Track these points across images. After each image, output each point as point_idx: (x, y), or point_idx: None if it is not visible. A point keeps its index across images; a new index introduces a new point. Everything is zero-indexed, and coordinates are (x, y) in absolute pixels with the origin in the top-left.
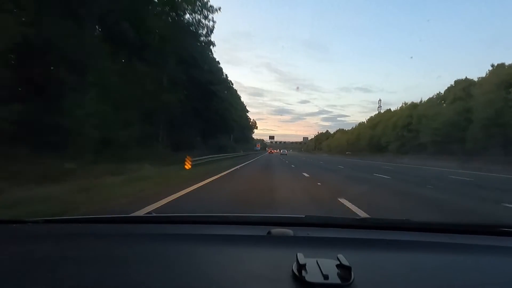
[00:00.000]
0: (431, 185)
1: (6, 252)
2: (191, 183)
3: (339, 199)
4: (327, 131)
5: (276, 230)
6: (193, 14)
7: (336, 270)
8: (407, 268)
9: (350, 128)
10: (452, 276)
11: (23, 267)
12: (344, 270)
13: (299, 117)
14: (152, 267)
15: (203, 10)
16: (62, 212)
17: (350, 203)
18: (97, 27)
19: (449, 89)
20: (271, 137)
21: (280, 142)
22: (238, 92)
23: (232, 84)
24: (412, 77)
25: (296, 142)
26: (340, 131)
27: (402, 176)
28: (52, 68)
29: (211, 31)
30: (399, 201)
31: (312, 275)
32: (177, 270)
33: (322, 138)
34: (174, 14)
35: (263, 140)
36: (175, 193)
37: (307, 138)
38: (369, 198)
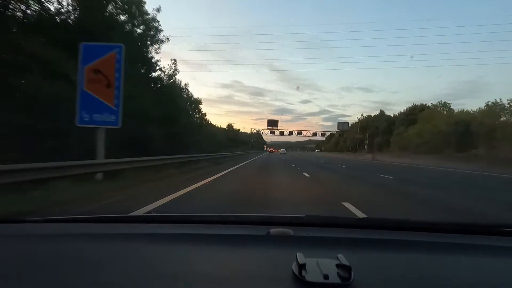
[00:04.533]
0: None
1: (6, 252)
2: None
3: None
4: (381, 111)
5: (276, 230)
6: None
7: (336, 270)
8: (407, 268)
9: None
10: (452, 276)
11: (23, 267)
12: (344, 270)
13: (300, 117)
14: (152, 267)
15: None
16: None
17: None
18: None
19: None
20: (272, 123)
21: (291, 132)
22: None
23: None
24: (413, 77)
25: (313, 140)
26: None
27: None
28: None
29: None
30: None
31: (312, 275)
32: (177, 269)
33: (378, 125)
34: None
35: (261, 133)
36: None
37: (347, 123)
38: None
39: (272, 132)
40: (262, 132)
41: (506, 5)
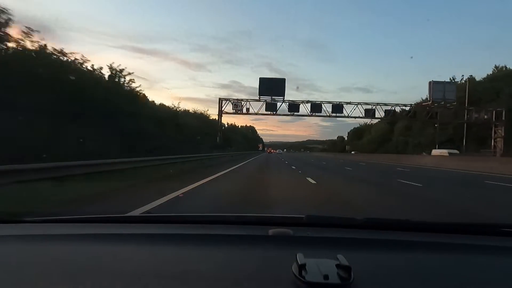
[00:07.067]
0: None
1: (3, 252)
2: None
3: None
4: (504, 67)
5: (276, 230)
6: None
7: (336, 270)
8: (407, 268)
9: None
10: (452, 276)
11: (21, 267)
12: (344, 270)
13: (299, 117)
14: (151, 267)
15: None
16: None
17: None
18: None
19: None
20: (265, 87)
21: (316, 107)
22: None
23: None
24: (413, 78)
25: (313, 140)
26: None
27: None
28: None
29: None
30: None
31: (312, 275)
32: (176, 270)
33: None
34: None
35: (244, 106)
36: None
37: (453, 85)
38: None
39: (272, 109)
40: (247, 108)
41: (506, 5)
